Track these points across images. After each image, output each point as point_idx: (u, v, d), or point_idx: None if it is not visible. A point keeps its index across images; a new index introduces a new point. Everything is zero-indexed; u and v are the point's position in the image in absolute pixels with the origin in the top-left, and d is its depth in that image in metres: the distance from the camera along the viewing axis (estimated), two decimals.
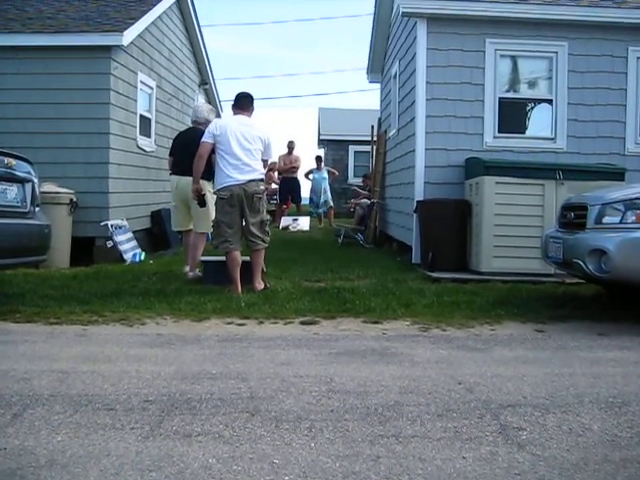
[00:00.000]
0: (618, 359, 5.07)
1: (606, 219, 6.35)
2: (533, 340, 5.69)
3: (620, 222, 6.23)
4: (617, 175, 8.91)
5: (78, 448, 3.18)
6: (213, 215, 8.39)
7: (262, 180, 7.73)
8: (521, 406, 3.87)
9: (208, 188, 8.47)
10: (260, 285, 7.63)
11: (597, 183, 8.16)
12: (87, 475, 2.90)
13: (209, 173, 7.95)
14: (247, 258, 7.73)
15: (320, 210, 19.70)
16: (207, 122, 8.71)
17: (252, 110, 8.04)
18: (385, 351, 5.18)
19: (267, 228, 7.78)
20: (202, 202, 8.02)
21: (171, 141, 9.52)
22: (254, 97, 8.11)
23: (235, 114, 7.95)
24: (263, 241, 7.65)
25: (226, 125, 7.72)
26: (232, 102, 8.09)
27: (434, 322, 6.21)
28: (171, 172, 8.82)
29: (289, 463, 3.05)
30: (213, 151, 7.73)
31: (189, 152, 8.04)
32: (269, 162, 8.31)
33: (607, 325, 6.23)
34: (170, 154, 9.01)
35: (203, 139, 7.74)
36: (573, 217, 6.85)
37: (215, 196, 8.06)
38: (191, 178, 8.18)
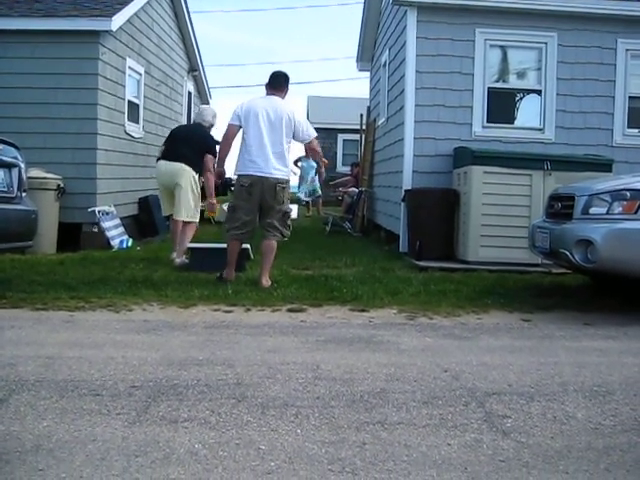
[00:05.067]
0: (603, 348, 5.11)
1: (593, 210, 6.38)
2: (519, 329, 5.72)
3: (607, 213, 6.26)
4: (604, 166, 8.93)
5: (64, 433, 3.18)
6: (192, 203, 8.46)
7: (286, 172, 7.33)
8: (506, 394, 3.89)
9: (194, 177, 8.52)
10: (267, 282, 7.19)
11: (585, 174, 8.20)
12: (73, 460, 2.90)
13: (197, 164, 8.01)
14: (244, 246, 7.68)
15: (308, 199, 19.68)
16: (211, 126, 8.92)
17: (286, 91, 7.49)
18: (371, 339, 5.19)
19: (289, 221, 7.41)
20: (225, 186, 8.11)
21: (159, 127, 9.54)
22: (289, 77, 7.55)
23: (268, 94, 7.43)
24: (282, 234, 7.33)
25: (252, 108, 7.24)
26: (266, 82, 7.49)
27: (421, 310, 6.23)
28: (159, 158, 8.80)
29: (275, 449, 3.06)
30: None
31: (188, 144, 8.15)
32: (314, 142, 7.57)
33: (593, 315, 6.27)
34: (165, 143, 9.01)
35: (229, 121, 7.32)
36: (560, 207, 6.88)
37: (198, 184, 8.13)
38: (179, 164, 8.30)
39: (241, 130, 7.32)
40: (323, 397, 3.76)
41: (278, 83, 7.47)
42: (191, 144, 8.50)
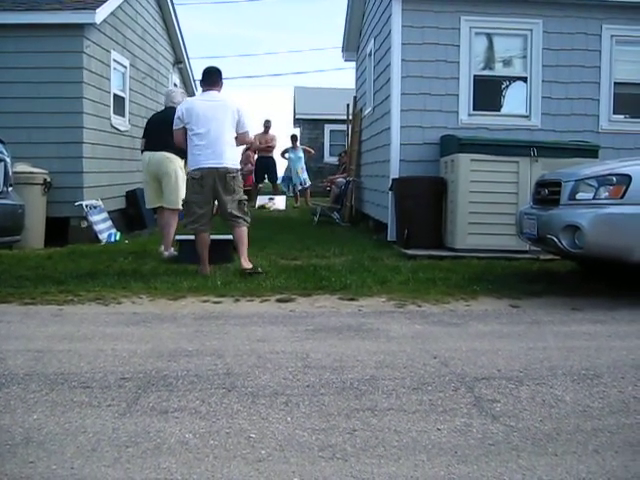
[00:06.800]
0: (591, 332, 5.14)
1: (579, 195, 6.40)
2: (508, 315, 5.75)
3: (593, 198, 6.28)
4: (591, 152, 8.95)
5: (54, 426, 3.18)
6: (184, 191, 8.44)
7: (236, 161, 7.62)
8: (495, 379, 3.91)
9: (180, 165, 8.49)
10: (248, 264, 7.36)
11: (571, 160, 8.21)
12: (64, 452, 2.90)
13: (181, 150, 7.92)
14: (217, 237, 7.71)
15: (297, 189, 19.68)
16: None
17: (221, 85, 7.78)
18: (361, 327, 5.21)
19: (246, 208, 7.58)
20: None
21: (146, 120, 9.48)
22: (222, 71, 7.82)
23: (204, 91, 7.76)
24: (244, 220, 7.48)
25: (192, 106, 7.53)
26: (200, 78, 7.82)
27: (410, 298, 6.24)
28: (143, 150, 8.78)
29: (265, 437, 3.07)
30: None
31: (165, 131, 8.02)
32: (247, 135, 7.92)
33: (581, 300, 6.29)
34: (143, 136, 8.98)
35: (174, 127, 7.60)
36: (547, 193, 6.89)
37: (186, 173, 8.09)
38: (163, 153, 8.26)
39: (187, 130, 7.52)
40: (313, 385, 3.78)
41: (212, 79, 7.74)
42: (171, 130, 8.41)
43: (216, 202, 7.59)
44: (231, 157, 7.49)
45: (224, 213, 7.48)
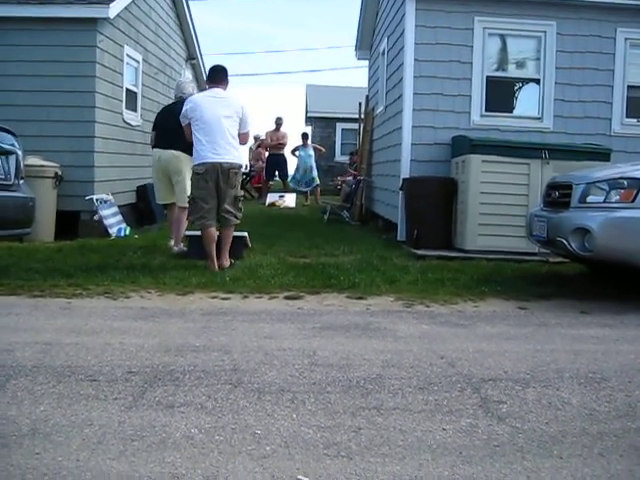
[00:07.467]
0: (599, 336, 5.12)
1: (590, 198, 6.39)
2: (516, 317, 5.74)
3: (604, 201, 6.27)
4: (603, 155, 8.92)
5: (61, 418, 3.20)
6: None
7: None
8: (502, 380, 3.91)
9: (189, 160, 8.46)
10: (227, 262, 7.51)
11: (583, 163, 8.20)
12: (69, 444, 2.92)
13: (190, 146, 7.91)
14: (242, 233, 7.75)
15: (307, 188, 19.62)
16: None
17: (227, 83, 7.86)
18: (368, 326, 5.21)
19: (240, 204, 7.65)
20: None
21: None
22: (227, 70, 7.91)
23: (209, 88, 7.82)
24: (235, 217, 7.55)
25: (197, 103, 7.58)
26: (206, 76, 7.90)
27: (418, 298, 6.24)
28: (153, 146, 8.77)
29: (271, 433, 3.08)
30: None
31: (174, 126, 7.98)
32: (247, 135, 8.01)
33: (590, 303, 6.27)
34: (153, 129, 8.97)
35: (182, 123, 7.67)
36: (558, 196, 6.88)
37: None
38: (172, 151, 8.24)
39: (192, 125, 7.58)
40: (319, 383, 3.78)
41: (218, 77, 7.84)
42: (179, 125, 8.05)
43: None
44: (235, 152, 7.56)
45: (220, 207, 7.50)
